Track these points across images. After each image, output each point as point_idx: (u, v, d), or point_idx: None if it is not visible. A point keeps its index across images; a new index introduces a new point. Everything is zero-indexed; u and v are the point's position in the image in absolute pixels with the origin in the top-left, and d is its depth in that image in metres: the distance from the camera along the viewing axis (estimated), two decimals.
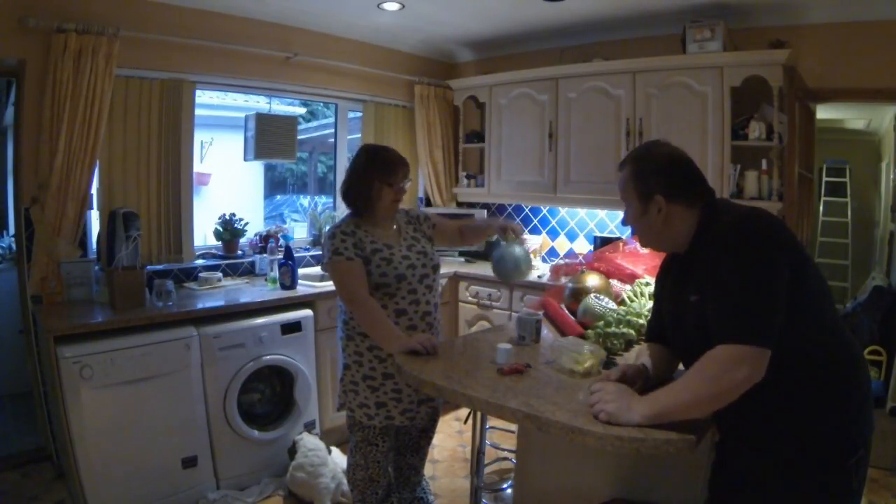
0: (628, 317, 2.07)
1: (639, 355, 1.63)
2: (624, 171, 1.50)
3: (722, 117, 2.98)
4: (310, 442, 2.73)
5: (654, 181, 1.42)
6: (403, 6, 3.27)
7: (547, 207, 4.13)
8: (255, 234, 3.60)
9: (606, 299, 2.24)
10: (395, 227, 2.16)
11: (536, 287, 3.35)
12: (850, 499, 1.30)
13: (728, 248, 1.26)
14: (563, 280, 2.92)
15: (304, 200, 6.45)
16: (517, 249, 2.20)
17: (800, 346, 1.25)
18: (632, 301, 2.27)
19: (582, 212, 3.97)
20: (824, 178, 5.78)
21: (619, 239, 3.08)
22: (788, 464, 1.28)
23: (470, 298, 3.77)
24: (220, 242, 3.45)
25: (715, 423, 1.38)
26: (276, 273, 3.10)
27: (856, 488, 1.29)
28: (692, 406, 1.25)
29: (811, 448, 1.27)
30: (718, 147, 3.00)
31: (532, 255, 2.19)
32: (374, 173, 2.04)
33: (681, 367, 1.61)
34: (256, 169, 5.68)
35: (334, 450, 2.84)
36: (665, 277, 1.59)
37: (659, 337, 1.61)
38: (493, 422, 2.65)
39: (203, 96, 3.96)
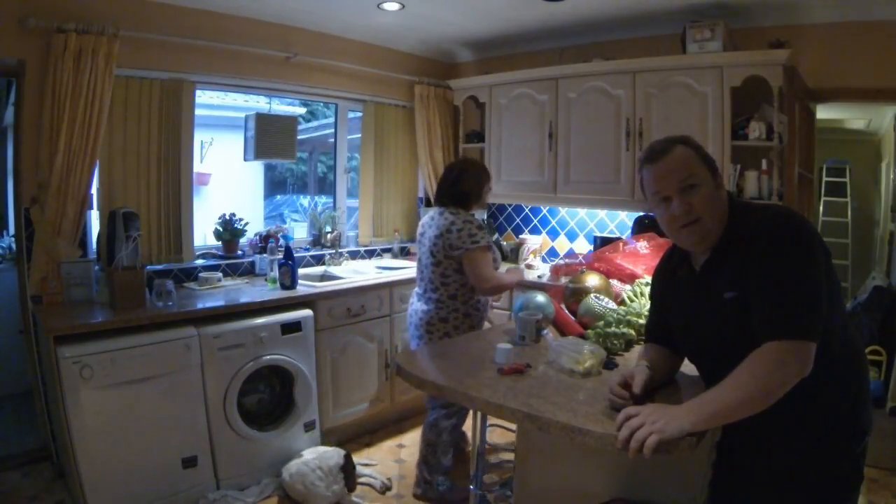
0: (628, 317, 2.07)
1: (640, 356, 1.62)
2: (677, 151, 1.36)
3: (722, 117, 2.98)
4: (311, 471, 2.63)
5: (709, 155, 1.39)
6: (403, 6, 3.27)
7: (547, 207, 4.13)
8: (255, 234, 3.60)
9: (606, 299, 2.24)
10: None
11: (536, 287, 3.34)
12: (859, 485, 1.33)
13: (774, 243, 1.25)
14: (563, 280, 2.92)
15: (304, 200, 6.45)
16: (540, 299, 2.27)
17: (825, 337, 1.25)
18: (632, 301, 2.27)
19: (582, 212, 3.97)
20: (824, 178, 5.78)
21: (619, 239, 3.08)
22: (802, 454, 1.29)
23: None
24: (220, 242, 3.45)
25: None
26: (276, 273, 3.10)
27: (862, 475, 1.32)
28: (744, 405, 1.20)
29: (824, 436, 1.28)
30: (718, 147, 2.99)
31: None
32: (487, 179, 2.72)
33: (686, 365, 1.61)
34: (256, 169, 5.68)
35: (334, 452, 2.82)
36: (668, 279, 1.55)
37: (659, 338, 1.60)
38: (492, 420, 2.65)
39: (203, 96, 3.96)
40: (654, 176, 1.37)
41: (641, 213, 3.42)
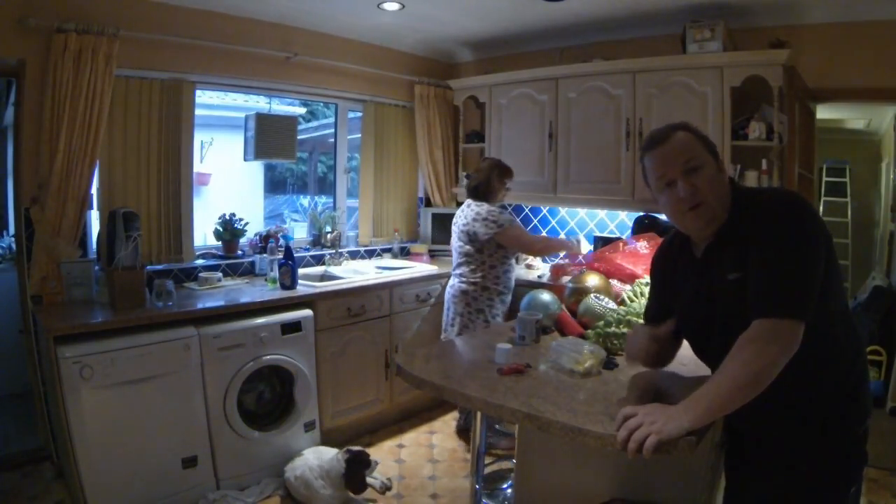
0: (628, 317, 2.06)
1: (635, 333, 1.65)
2: (678, 135, 1.38)
3: (722, 117, 2.98)
4: (315, 479, 2.60)
5: (710, 140, 1.40)
6: (403, 6, 3.27)
7: (547, 207, 4.13)
8: (255, 234, 3.60)
9: (606, 299, 2.25)
10: None
11: (536, 286, 3.34)
12: (863, 466, 1.33)
13: (772, 224, 1.25)
14: (563, 280, 2.93)
15: (304, 200, 6.45)
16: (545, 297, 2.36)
17: (823, 320, 1.26)
18: (632, 301, 2.27)
19: (582, 212, 3.97)
20: (824, 178, 5.78)
21: (619, 239, 3.08)
22: (807, 436, 1.30)
23: None
24: (220, 242, 3.45)
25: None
26: (276, 273, 3.10)
27: (866, 457, 1.33)
28: (736, 393, 1.19)
29: (828, 417, 1.29)
30: (718, 147, 2.97)
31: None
32: (501, 176, 3.16)
33: (687, 353, 1.61)
34: (256, 169, 5.67)
35: (335, 462, 2.81)
36: (669, 265, 1.55)
37: (658, 321, 1.59)
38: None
39: (203, 96, 3.96)
40: (656, 161, 1.38)
41: (641, 213, 3.42)
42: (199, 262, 3.28)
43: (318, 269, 3.71)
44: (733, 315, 1.28)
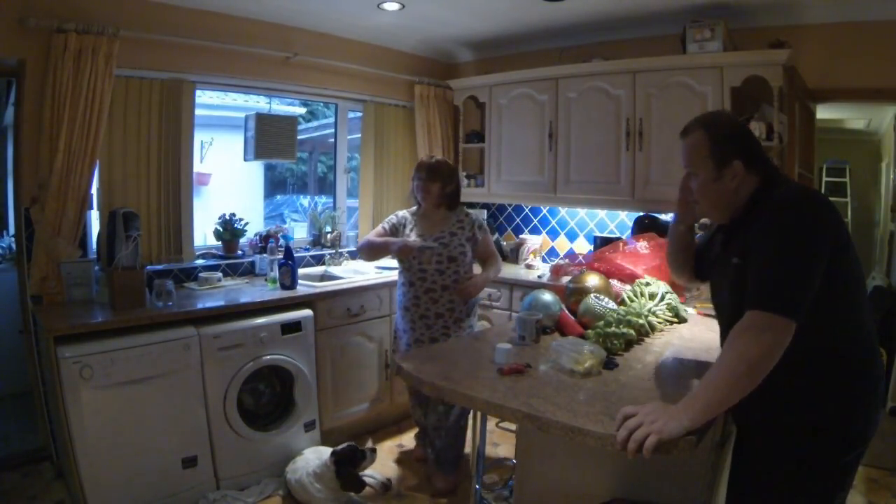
0: (628, 317, 2.07)
1: None
2: (693, 136, 1.48)
3: None
4: (310, 484, 2.58)
5: (733, 147, 1.42)
6: (403, 6, 3.27)
7: (547, 207, 4.13)
8: (255, 234, 3.60)
9: (606, 299, 2.25)
10: (443, 221, 2.81)
11: (535, 286, 3.34)
12: (836, 495, 1.33)
13: (779, 218, 1.28)
14: (563, 280, 2.93)
15: (304, 200, 6.44)
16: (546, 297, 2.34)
17: (828, 331, 1.27)
18: (632, 301, 2.28)
19: (582, 212, 3.97)
20: (824, 178, 5.78)
21: (619, 239, 3.08)
22: (797, 448, 1.31)
23: None
24: (220, 242, 3.45)
25: (731, 411, 1.38)
26: (276, 273, 3.10)
27: (850, 482, 1.34)
28: (732, 386, 1.20)
29: (821, 435, 1.29)
30: None
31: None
32: (413, 176, 2.85)
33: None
34: (256, 169, 5.68)
35: (326, 469, 2.80)
36: (714, 240, 1.63)
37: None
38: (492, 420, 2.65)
39: (203, 96, 3.96)
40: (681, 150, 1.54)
41: (641, 213, 3.42)
42: (199, 262, 3.27)
43: (318, 269, 3.71)
44: (736, 297, 1.31)
